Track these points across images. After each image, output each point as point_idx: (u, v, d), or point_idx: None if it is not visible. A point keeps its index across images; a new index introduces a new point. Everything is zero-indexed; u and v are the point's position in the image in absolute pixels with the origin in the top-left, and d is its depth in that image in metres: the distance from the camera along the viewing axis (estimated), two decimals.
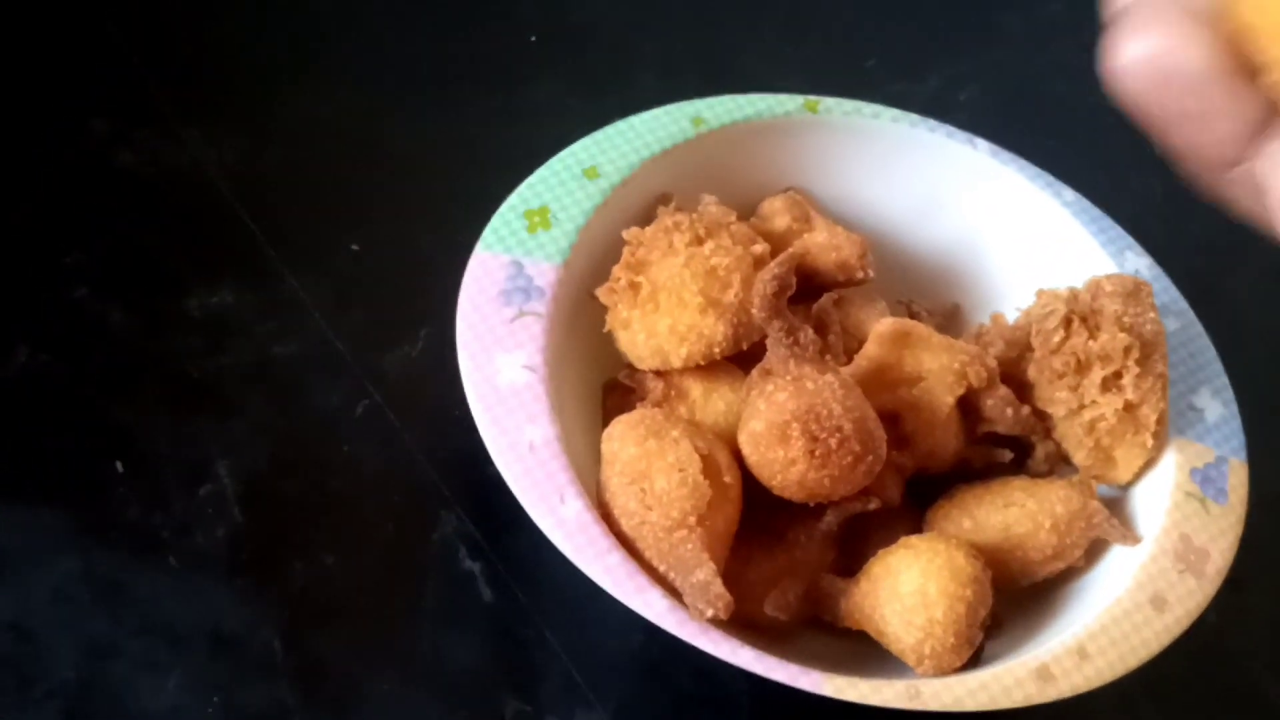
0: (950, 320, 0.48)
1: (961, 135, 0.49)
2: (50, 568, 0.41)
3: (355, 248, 0.51)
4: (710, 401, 0.42)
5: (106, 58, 0.54)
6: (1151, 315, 0.43)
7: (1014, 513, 0.41)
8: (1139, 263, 0.47)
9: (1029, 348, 0.44)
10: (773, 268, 0.39)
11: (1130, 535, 0.41)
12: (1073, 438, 0.43)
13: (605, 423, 0.41)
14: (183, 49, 0.56)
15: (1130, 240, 0.47)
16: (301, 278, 0.49)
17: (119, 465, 0.44)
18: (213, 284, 0.48)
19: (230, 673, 0.40)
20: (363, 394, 0.47)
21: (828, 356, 0.40)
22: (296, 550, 0.43)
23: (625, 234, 0.43)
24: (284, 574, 0.42)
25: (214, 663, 0.40)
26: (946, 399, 0.42)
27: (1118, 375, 0.42)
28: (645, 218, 0.45)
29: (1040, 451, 0.44)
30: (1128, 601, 0.39)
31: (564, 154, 0.45)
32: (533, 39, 0.59)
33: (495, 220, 0.43)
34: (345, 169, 0.53)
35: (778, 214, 0.46)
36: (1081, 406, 0.42)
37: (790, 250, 0.41)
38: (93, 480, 0.43)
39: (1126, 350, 0.41)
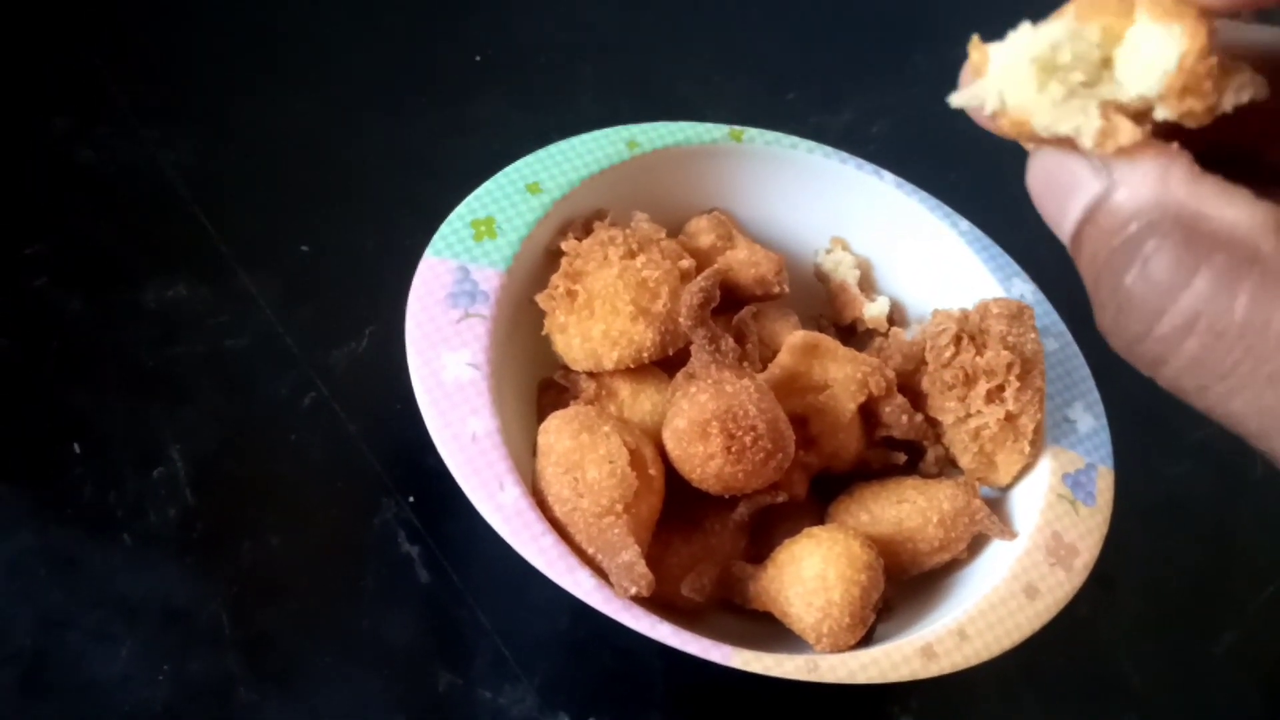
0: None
1: (869, 167, 0.51)
2: (8, 543, 0.42)
3: (305, 248, 0.52)
4: (638, 401, 0.44)
5: (70, 59, 0.55)
6: (1033, 336, 0.45)
7: (906, 508, 0.44)
8: (1024, 288, 0.50)
9: (924, 361, 0.46)
10: (699, 281, 0.42)
11: (1008, 531, 0.44)
12: (959, 443, 0.46)
13: (540, 419, 0.43)
14: (144, 51, 0.57)
15: (1017, 268, 0.50)
16: (253, 274, 0.50)
17: (76, 447, 0.44)
18: (168, 278, 0.49)
19: (179, 644, 0.41)
20: (310, 386, 0.48)
21: (745, 363, 0.43)
22: (244, 531, 0.44)
23: (564, 245, 0.45)
24: (232, 553, 0.43)
25: (164, 634, 0.41)
26: (849, 405, 0.45)
27: (1000, 389, 0.45)
28: (582, 231, 0.47)
29: (931, 455, 0.47)
30: (1004, 590, 0.42)
31: (509, 169, 0.47)
32: (478, 58, 0.61)
33: (444, 228, 0.45)
34: (298, 173, 0.54)
35: (703, 232, 0.48)
36: (968, 415, 0.45)
37: (715, 266, 0.43)
38: (50, 461, 0.44)
39: (1009, 366, 0.44)
